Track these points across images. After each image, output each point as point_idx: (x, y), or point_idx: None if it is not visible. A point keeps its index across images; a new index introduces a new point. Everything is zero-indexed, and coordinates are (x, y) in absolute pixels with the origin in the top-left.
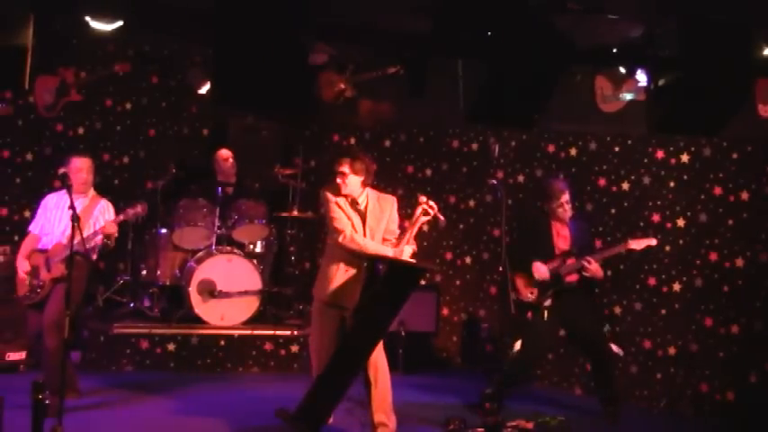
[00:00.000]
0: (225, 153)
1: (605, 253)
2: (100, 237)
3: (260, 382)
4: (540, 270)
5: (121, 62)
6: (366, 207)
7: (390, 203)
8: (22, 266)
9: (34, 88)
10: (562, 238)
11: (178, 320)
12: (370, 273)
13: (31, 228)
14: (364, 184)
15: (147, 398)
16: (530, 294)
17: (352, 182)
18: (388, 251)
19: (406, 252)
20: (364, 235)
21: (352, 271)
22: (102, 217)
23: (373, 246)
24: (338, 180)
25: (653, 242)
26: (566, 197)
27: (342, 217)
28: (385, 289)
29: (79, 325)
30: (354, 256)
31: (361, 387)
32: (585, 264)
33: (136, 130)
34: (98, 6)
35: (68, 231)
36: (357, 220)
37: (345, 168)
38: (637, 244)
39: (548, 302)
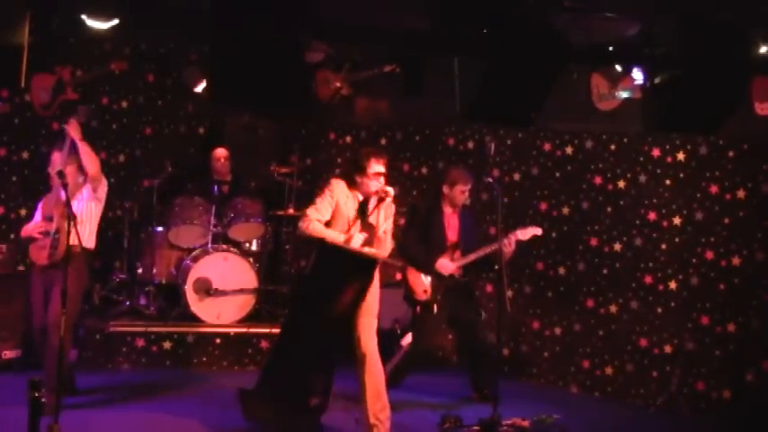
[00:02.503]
0: (219, 152)
1: (494, 245)
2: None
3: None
4: (447, 266)
5: (118, 60)
6: (371, 208)
7: (392, 211)
8: (36, 227)
9: (30, 86)
10: (452, 228)
11: (174, 318)
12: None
13: None
14: None
15: (144, 396)
16: (423, 293)
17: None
18: (338, 237)
19: (356, 240)
20: (359, 231)
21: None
22: (87, 193)
23: (319, 229)
24: (380, 179)
25: (538, 231)
26: (468, 186)
27: (323, 207)
28: (319, 271)
29: (75, 323)
30: None
31: (356, 383)
32: (506, 247)
33: (132, 128)
34: (94, 5)
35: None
36: (353, 215)
37: (385, 168)
38: (523, 234)
39: (438, 297)
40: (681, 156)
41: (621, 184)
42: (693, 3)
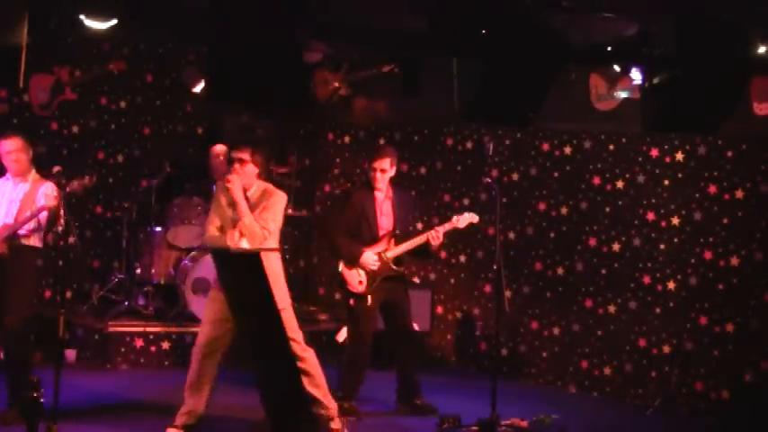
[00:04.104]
0: (218, 149)
1: (434, 231)
2: (44, 215)
3: (254, 379)
4: (370, 261)
5: (116, 61)
6: (251, 194)
7: (271, 197)
8: None
9: (29, 87)
10: (386, 216)
11: (173, 319)
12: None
13: None
14: (259, 176)
15: (142, 396)
16: (359, 285)
17: (249, 171)
18: (219, 240)
19: (233, 237)
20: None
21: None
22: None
23: (208, 238)
24: (236, 166)
25: (475, 219)
26: (381, 164)
27: (211, 215)
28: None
29: (73, 323)
30: None
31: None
32: (433, 240)
33: (131, 128)
34: (93, 5)
35: (8, 220)
36: (233, 212)
37: (245, 156)
38: (459, 221)
39: (374, 288)
40: (679, 156)
41: (620, 184)
42: (692, 3)
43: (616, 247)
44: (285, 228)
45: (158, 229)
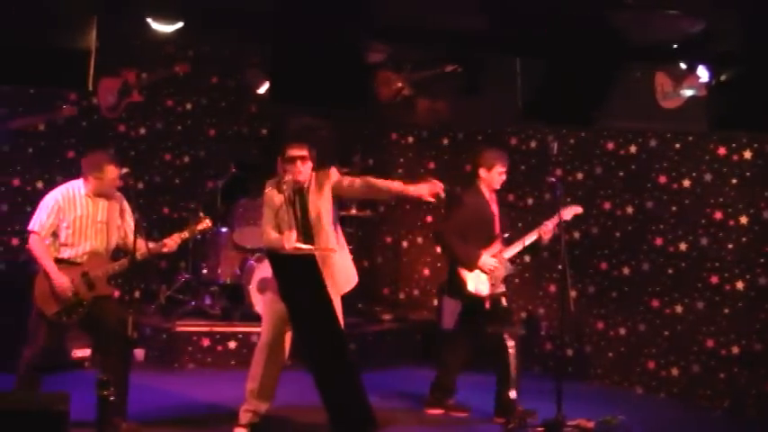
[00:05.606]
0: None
1: (543, 226)
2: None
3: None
4: (489, 263)
5: (181, 63)
6: (309, 189)
7: (328, 176)
8: (61, 280)
9: (97, 89)
10: (496, 217)
11: (239, 319)
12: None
13: (36, 228)
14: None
15: (209, 395)
16: (482, 287)
17: (307, 168)
18: (277, 241)
19: (290, 238)
20: (307, 220)
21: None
22: (123, 217)
23: (267, 238)
24: (298, 164)
25: (579, 210)
26: (506, 167)
27: (266, 218)
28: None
29: (141, 323)
30: None
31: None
32: (545, 235)
33: (196, 129)
34: (159, 8)
35: (102, 242)
36: (291, 213)
37: (305, 153)
38: (566, 213)
39: (502, 289)
40: (747, 154)
41: (686, 182)
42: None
43: (683, 246)
44: (349, 228)
45: (224, 229)
